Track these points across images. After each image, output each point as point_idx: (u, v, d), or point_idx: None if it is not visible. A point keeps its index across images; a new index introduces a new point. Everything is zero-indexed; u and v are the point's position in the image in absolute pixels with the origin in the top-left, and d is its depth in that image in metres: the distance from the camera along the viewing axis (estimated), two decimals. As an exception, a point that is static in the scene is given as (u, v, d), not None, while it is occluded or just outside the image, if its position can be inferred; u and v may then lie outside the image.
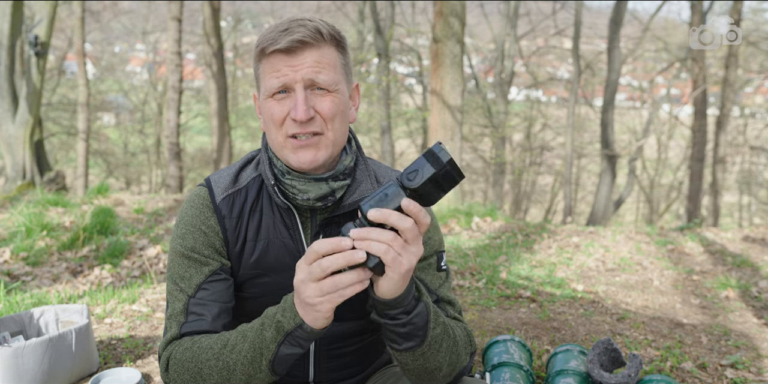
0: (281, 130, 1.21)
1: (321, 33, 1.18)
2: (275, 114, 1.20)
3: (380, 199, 1.00)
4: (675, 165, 21.93)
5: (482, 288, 3.54)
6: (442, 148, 0.98)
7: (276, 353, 1.10)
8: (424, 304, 1.13)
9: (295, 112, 1.16)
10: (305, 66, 1.17)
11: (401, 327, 1.11)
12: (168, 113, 12.94)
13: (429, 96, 13.56)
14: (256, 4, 27.60)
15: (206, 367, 1.16)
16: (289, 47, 1.15)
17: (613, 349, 2.13)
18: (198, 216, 1.30)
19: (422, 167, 0.99)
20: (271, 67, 1.18)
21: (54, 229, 4.83)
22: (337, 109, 1.21)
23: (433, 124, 8.24)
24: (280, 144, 1.22)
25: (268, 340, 1.09)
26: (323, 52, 1.18)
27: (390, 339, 1.15)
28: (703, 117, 13.63)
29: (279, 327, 1.08)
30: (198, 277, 1.27)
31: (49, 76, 17.73)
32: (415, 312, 1.11)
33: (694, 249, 4.99)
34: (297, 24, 1.17)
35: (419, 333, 1.13)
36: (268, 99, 1.21)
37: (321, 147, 1.21)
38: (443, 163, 0.98)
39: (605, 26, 15.28)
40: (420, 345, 1.14)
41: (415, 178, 0.99)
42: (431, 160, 0.98)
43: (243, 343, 1.12)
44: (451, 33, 7.89)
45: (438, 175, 0.99)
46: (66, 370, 2.11)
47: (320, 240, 1.01)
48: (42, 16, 8.39)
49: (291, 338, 1.08)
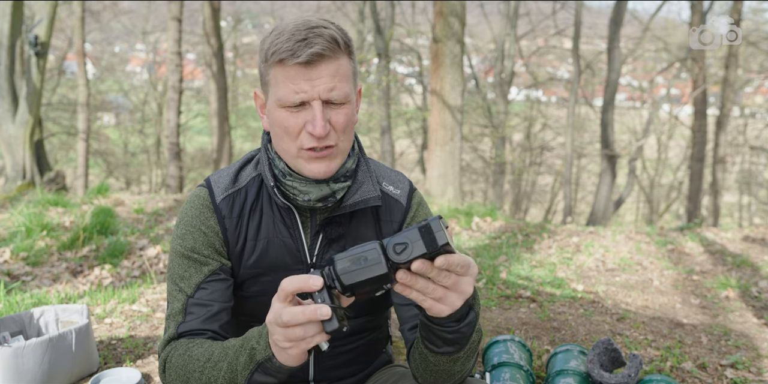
0: (296, 141, 1.19)
1: (338, 43, 1.16)
2: (290, 126, 1.18)
3: (356, 260, 0.90)
4: (675, 165, 21.94)
5: (482, 288, 3.54)
6: (442, 228, 0.87)
7: (249, 379, 1.08)
8: (475, 313, 1.10)
9: (313, 127, 1.15)
10: (323, 82, 1.15)
11: (448, 333, 1.08)
12: (168, 113, 12.93)
13: (429, 96, 13.56)
14: (256, 4, 27.60)
15: (193, 378, 1.16)
16: (309, 61, 1.13)
17: (613, 349, 2.13)
18: (198, 216, 1.30)
19: (414, 242, 0.88)
20: (288, 79, 1.15)
21: (54, 229, 4.83)
22: (349, 120, 1.21)
23: (433, 124, 8.25)
24: (294, 154, 1.21)
25: (242, 365, 1.08)
26: (339, 63, 1.17)
27: (428, 340, 1.12)
28: (703, 117, 13.63)
29: (252, 354, 1.06)
30: (197, 277, 1.27)
31: (49, 76, 17.73)
32: (466, 321, 1.07)
33: (694, 249, 4.99)
34: (314, 34, 1.14)
35: (462, 341, 1.11)
36: (280, 109, 1.19)
37: (333, 158, 1.21)
38: (437, 247, 0.87)
39: (605, 26, 15.28)
40: (458, 351, 1.12)
41: (402, 253, 0.89)
42: (425, 238, 0.88)
43: (223, 362, 1.12)
44: (451, 33, 7.89)
45: (427, 257, 0.89)
46: (66, 370, 2.11)
47: (290, 278, 0.97)
48: (42, 16, 8.39)
49: (263, 368, 1.06)
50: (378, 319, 1.44)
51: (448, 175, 8.19)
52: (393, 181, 1.40)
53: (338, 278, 0.92)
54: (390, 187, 1.38)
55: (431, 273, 0.92)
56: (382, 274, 0.90)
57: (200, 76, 24.82)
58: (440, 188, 8.14)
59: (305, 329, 0.95)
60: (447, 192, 8.09)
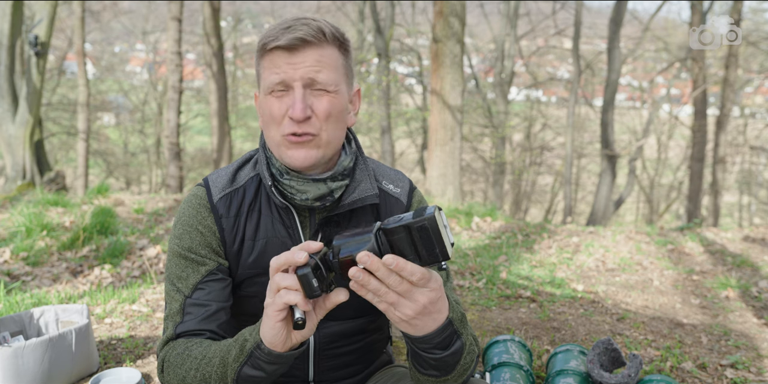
0: (279, 128, 1.20)
1: (323, 32, 1.17)
2: (274, 111, 1.19)
3: (352, 234, 0.97)
4: (675, 165, 21.94)
5: (482, 288, 3.54)
6: (433, 211, 0.93)
7: (238, 373, 1.09)
8: (461, 342, 1.08)
9: (293, 110, 1.16)
10: (305, 64, 1.16)
11: (432, 360, 1.08)
12: (168, 113, 12.93)
13: (429, 96, 13.56)
14: (256, 4, 27.61)
15: (189, 377, 1.17)
16: (291, 45, 1.15)
17: (613, 349, 2.13)
18: (195, 216, 1.30)
19: (406, 216, 0.95)
20: (271, 63, 1.18)
21: (54, 229, 4.83)
22: (334, 109, 1.20)
23: (433, 124, 8.25)
24: (277, 142, 1.22)
25: (233, 358, 1.09)
26: (325, 51, 1.18)
27: (416, 361, 1.12)
28: (703, 117, 13.64)
29: (243, 346, 1.08)
30: (195, 277, 1.27)
31: (49, 76, 17.73)
32: (451, 350, 1.07)
33: (694, 249, 4.99)
34: (300, 23, 1.17)
35: (447, 367, 1.10)
36: (267, 96, 1.21)
37: (313, 147, 1.21)
38: (423, 218, 0.92)
39: (605, 26, 15.28)
40: (445, 375, 1.12)
41: (391, 221, 0.95)
42: (417, 213, 0.94)
43: (215, 357, 1.13)
44: (451, 33, 7.89)
45: (413, 227, 0.93)
46: (66, 370, 2.11)
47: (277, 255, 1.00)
48: (42, 16, 8.39)
49: (252, 360, 1.06)
50: (379, 321, 1.43)
51: (448, 175, 8.19)
52: (393, 180, 1.40)
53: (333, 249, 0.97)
54: (390, 186, 1.38)
55: (378, 271, 0.93)
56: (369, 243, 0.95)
57: (200, 76, 24.82)
58: (440, 188, 8.14)
59: (282, 277, 0.98)
60: (447, 192, 8.09)
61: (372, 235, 0.95)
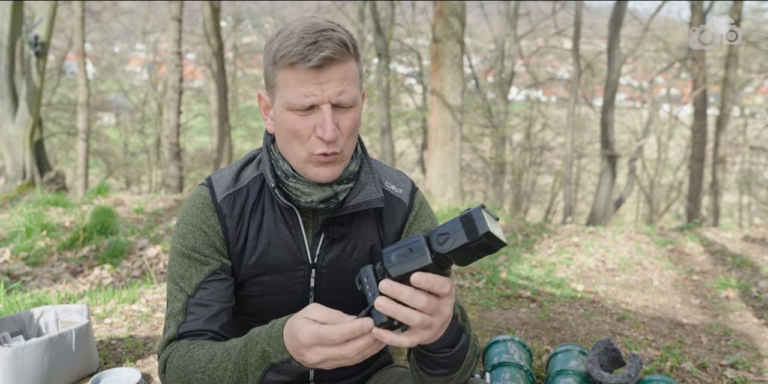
0: (305, 145, 1.19)
1: (347, 46, 1.15)
2: (300, 129, 1.17)
3: (402, 253, 0.92)
4: (675, 165, 21.94)
5: (482, 288, 3.54)
6: (483, 216, 0.86)
7: (262, 379, 1.08)
8: (467, 336, 1.10)
9: (323, 132, 1.14)
10: (332, 85, 1.14)
11: (442, 359, 1.10)
12: (168, 113, 12.93)
13: (429, 96, 13.56)
14: (256, 4, 27.61)
15: (194, 379, 1.16)
16: (320, 65, 1.12)
17: (613, 349, 2.13)
18: (199, 215, 1.30)
19: (455, 232, 0.88)
20: (297, 82, 1.14)
21: (54, 229, 4.83)
22: (356, 124, 1.21)
23: (433, 124, 8.25)
24: (304, 159, 1.21)
25: (253, 365, 1.07)
26: (348, 66, 1.16)
27: (423, 363, 1.13)
28: (703, 117, 13.64)
29: (265, 356, 1.06)
30: (198, 276, 1.27)
31: (49, 76, 17.73)
32: (459, 346, 1.09)
33: (694, 249, 4.99)
34: (324, 37, 1.13)
35: (456, 363, 1.12)
36: (287, 111, 1.18)
37: (338, 163, 1.22)
38: (478, 236, 0.86)
39: (605, 26, 15.28)
40: (453, 372, 1.14)
41: (444, 243, 0.89)
42: (466, 228, 0.87)
43: (227, 362, 1.11)
44: (451, 33, 7.90)
45: (471, 246, 0.88)
46: (66, 370, 2.11)
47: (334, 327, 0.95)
48: (42, 16, 8.39)
49: (278, 368, 1.06)
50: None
51: (448, 175, 8.19)
52: (395, 181, 1.40)
53: (386, 271, 0.93)
54: (392, 187, 1.38)
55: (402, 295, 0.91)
56: (427, 264, 0.91)
57: (200, 76, 24.82)
58: (440, 188, 8.14)
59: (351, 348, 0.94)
60: (447, 192, 8.09)
61: (429, 258, 0.91)
